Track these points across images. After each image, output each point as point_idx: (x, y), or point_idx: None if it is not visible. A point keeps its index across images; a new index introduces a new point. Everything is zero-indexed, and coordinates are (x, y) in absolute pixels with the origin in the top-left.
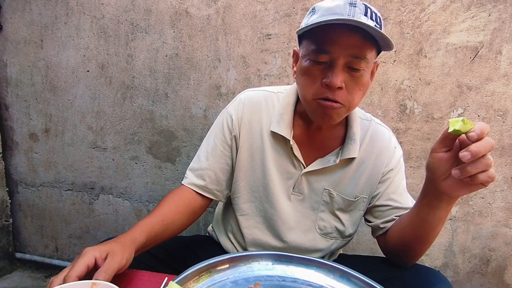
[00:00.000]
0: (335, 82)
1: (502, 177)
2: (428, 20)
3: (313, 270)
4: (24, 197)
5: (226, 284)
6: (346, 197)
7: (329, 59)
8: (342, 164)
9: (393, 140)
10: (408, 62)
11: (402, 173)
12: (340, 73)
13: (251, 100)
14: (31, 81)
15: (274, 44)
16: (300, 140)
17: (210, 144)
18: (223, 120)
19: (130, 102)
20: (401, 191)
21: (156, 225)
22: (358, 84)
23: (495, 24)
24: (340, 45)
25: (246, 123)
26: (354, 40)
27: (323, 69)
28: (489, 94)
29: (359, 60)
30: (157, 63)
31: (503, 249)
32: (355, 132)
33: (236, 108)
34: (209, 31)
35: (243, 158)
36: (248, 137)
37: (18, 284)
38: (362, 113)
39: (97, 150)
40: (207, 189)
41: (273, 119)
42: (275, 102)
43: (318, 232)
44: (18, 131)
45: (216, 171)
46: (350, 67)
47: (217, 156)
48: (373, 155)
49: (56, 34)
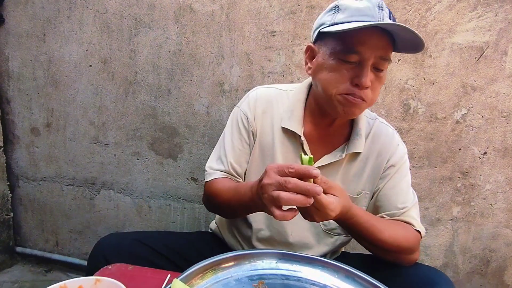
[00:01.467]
0: (366, 83)
1: (505, 179)
2: (433, 20)
3: (317, 269)
4: (25, 192)
5: (229, 282)
6: (350, 194)
7: (359, 59)
8: (348, 159)
9: (396, 138)
10: (413, 61)
11: (405, 171)
12: (370, 73)
13: (262, 97)
14: (33, 75)
15: (278, 42)
16: (309, 137)
17: (228, 143)
18: (238, 119)
19: (132, 98)
20: (399, 189)
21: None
22: (381, 83)
23: (501, 25)
24: (371, 47)
25: (259, 120)
26: (383, 42)
27: (352, 68)
28: (493, 95)
29: (385, 61)
30: (160, 58)
31: (503, 250)
32: (361, 128)
33: (249, 105)
34: (213, 27)
35: (255, 153)
36: (261, 132)
37: (19, 278)
38: (368, 112)
39: (98, 145)
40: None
41: (284, 116)
42: (284, 99)
43: (322, 227)
44: (19, 125)
45: (237, 169)
46: (376, 67)
47: (237, 155)
48: (375, 152)
49: (58, 28)
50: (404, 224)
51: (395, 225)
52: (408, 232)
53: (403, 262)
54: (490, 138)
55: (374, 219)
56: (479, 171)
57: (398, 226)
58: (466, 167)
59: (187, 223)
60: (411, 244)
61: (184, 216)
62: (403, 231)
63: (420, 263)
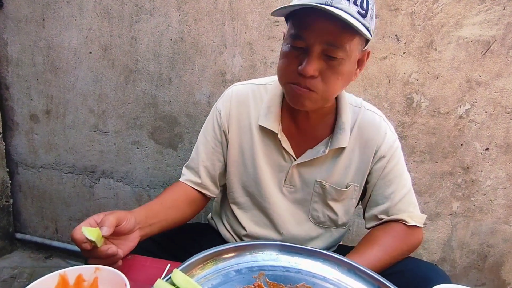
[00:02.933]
0: (307, 71)
1: (506, 175)
2: (440, 12)
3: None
4: (24, 179)
5: (229, 273)
6: (338, 187)
7: (305, 46)
8: (332, 154)
9: (383, 125)
10: (418, 54)
11: (396, 159)
12: (314, 61)
13: (238, 95)
14: (32, 61)
15: (282, 31)
16: (289, 132)
17: (202, 141)
18: (213, 117)
19: (133, 86)
20: (393, 177)
21: (155, 206)
22: (335, 73)
23: (509, 19)
24: (315, 32)
25: (234, 119)
26: (331, 27)
27: (299, 55)
28: (498, 90)
29: (336, 49)
30: (161, 46)
31: (501, 245)
32: (344, 121)
33: (224, 104)
34: (216, 16)
35: (234, 154)
36: (237, 132)
37: (18, 264)
38: (353, 99)
39: (98, 133)
40: (203, 186)
41: (261, 113)
42: (263, 94)
43: (312, 221)
44: (18, 111)
45: (209, 168)
46: (326, 55)
47: (209, 153)
48: (362, 143)
49: (58, 13)
50: (400, 228)
51: (390, 242)
52: (407, 235)
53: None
54: (493, 134)
55: (372, 263)
56: (480, 167)
57: (396, 238)
58: (467, 162)
59: None
60: (412, 245)
61: None
62: (402, 239)
63: (417, 259)
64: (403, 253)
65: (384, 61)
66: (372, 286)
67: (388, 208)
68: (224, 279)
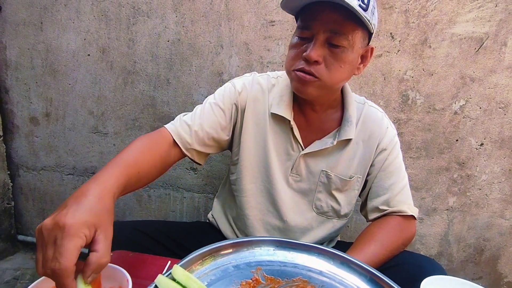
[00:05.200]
0: (311, 55)
1: (500, 169)
2: (434, 10)
3: (313, 256)
4: (25, 181)
5: (228, 268)
6: (342, 177)
7: (311, 35)
8: (339, 145)
9: (385, 121)
10: (412, 52)
11: (395, 152)
12: (319, 47)
13: (258, 83)
14: (31, 64)
15: (277, 31)
16: (298, 123)
17: (207, 108)
18: (225, 89)
19: (131, 88)
20: (394, 168)
21: (133, 178)
22: (338, 60)
23: (502, 15)
24: (320, 21)
25: (252, 102)
26: (335, 17)
27: (306, 44)
28: (491, 86)
29: (339, 36)
30: (159, 48)
31: (497, 239)
32: (351, 115)
33: (244, 83)
34: (212, 17)
35: (248, 138)
36: (254, 116)
37: (21, 265)
38: (357, 97)
39: (98, 135)
40: (188, 147)
41: (274, 102)
42: (275, 86)
43: (315, 211)
44: (18, 114)
45: (204, 134)
46: (330, 43)
47: (210, 121)
48: (366, 136)
49: (56, 17)
50: (395, 223)
51: (386, 237)
52: (402, 229)
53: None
54: (488, 129)
55: (371, 258)
56: (476, 162)
57: (391, 233)
58: (463, 158)
59: (187, 212)
60: (406, 238)
61: (184, 206)
62: (397, 233)
63: (414, 253)
64: (399, 246)
65: (379, 59)
66: (365, 278)
67: (388, 199)
68: (222, 274)
